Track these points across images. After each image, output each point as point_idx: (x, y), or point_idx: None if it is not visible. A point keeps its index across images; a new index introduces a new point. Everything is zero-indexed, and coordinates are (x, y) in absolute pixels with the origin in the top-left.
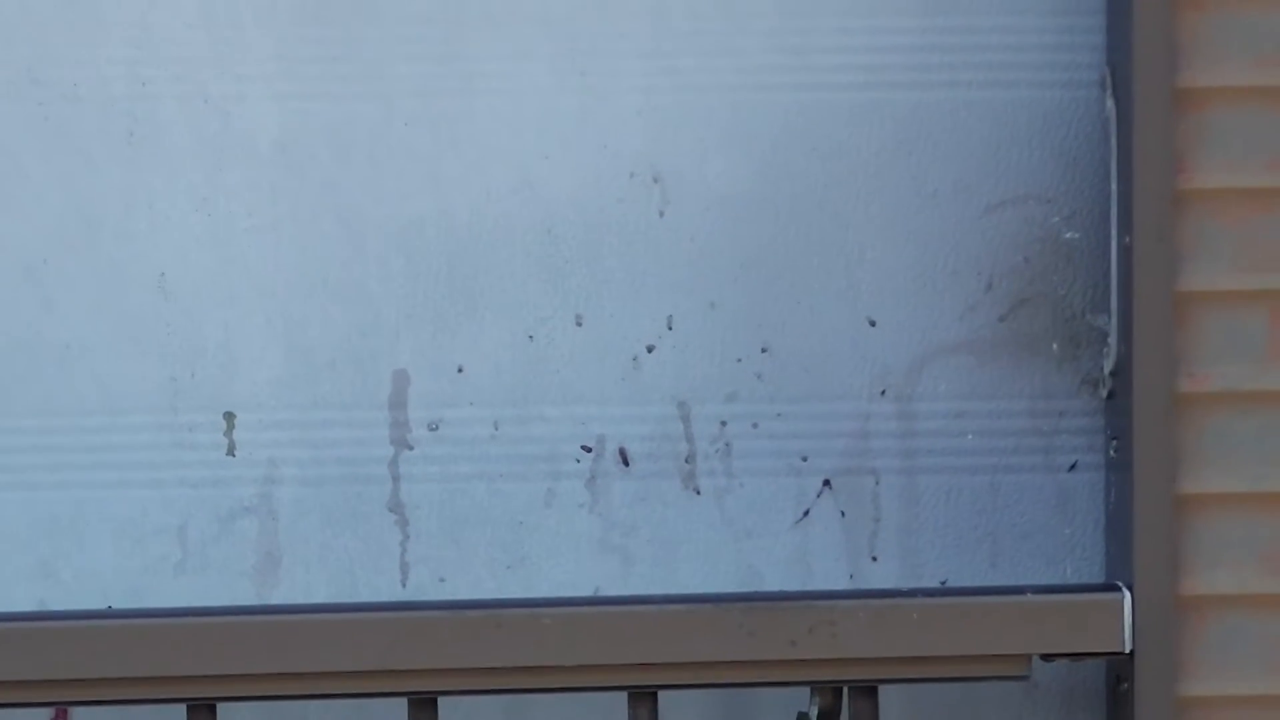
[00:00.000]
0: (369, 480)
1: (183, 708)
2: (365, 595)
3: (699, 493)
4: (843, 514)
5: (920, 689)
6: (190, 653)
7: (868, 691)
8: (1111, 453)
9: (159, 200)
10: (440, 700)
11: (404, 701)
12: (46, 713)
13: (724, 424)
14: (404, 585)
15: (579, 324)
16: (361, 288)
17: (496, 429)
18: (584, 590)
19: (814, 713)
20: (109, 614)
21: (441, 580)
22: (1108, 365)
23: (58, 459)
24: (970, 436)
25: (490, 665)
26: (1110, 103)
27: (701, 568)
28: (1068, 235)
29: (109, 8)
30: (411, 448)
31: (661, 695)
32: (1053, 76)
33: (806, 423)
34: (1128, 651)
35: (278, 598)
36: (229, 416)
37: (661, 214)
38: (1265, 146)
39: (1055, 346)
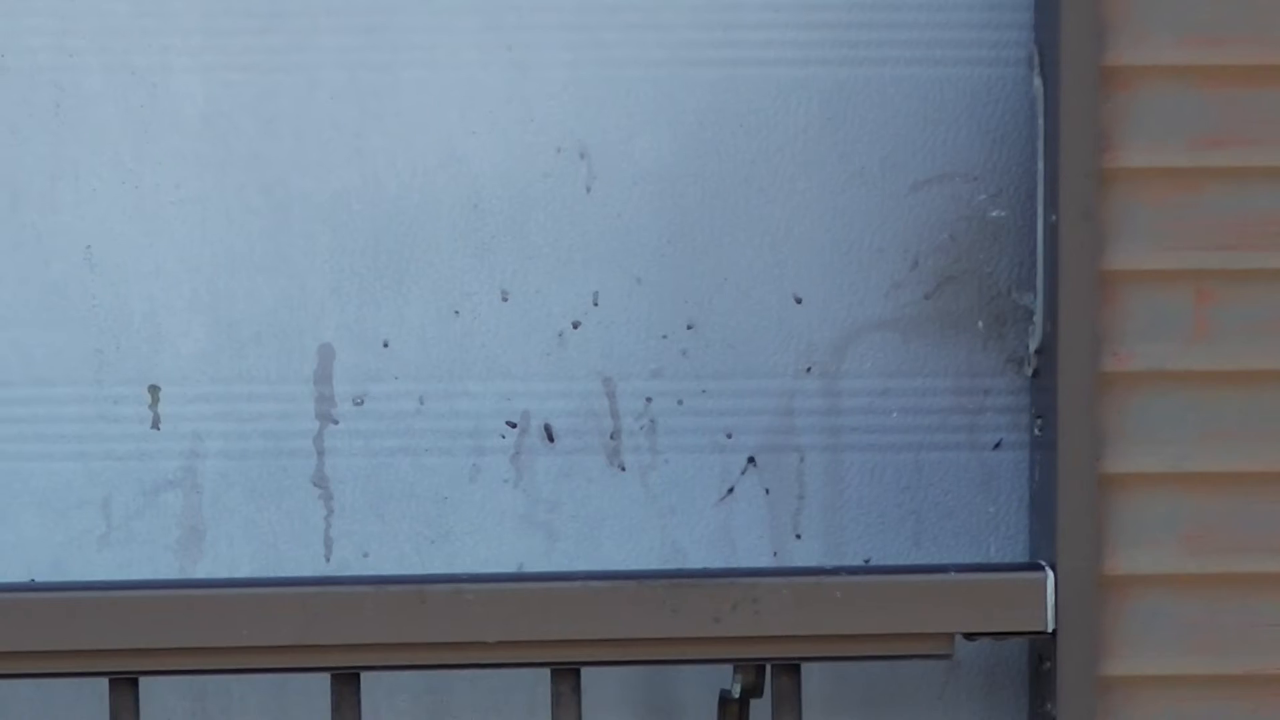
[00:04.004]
0: (293, 454)
1: (105, 681)
2: (289, 570)
3: (623, 469)
4: (767, 491)
5: (843, 667)
6: (113, 626)
7: (790, 669)
8: (1036, 431)
9: (85, 172)
10: (363, 675)
11: (327, 676)
12: None
13: (649, 400)
14: (328, 560)
15: (505, 299)
16: (287, 261)
17: (421, 404)
18: (507, 566)
19: (736, 690)
20: (32, 587)
21: (365, 555)
22: (1033, 343)
23: None
24: (895, 414)
25: (413, 641)
26: (1037, 81)
27: (625, 544)
28: (994, 213)
29: None
30: (336, 422)
31: (584, 672)
32: (980, 54)
33: (731, 400)
34: (1050, 631)
35: (201, 571)
36: (154, 389)
37: (588, 189)
38: (1191, 126)
39: (981, 324)
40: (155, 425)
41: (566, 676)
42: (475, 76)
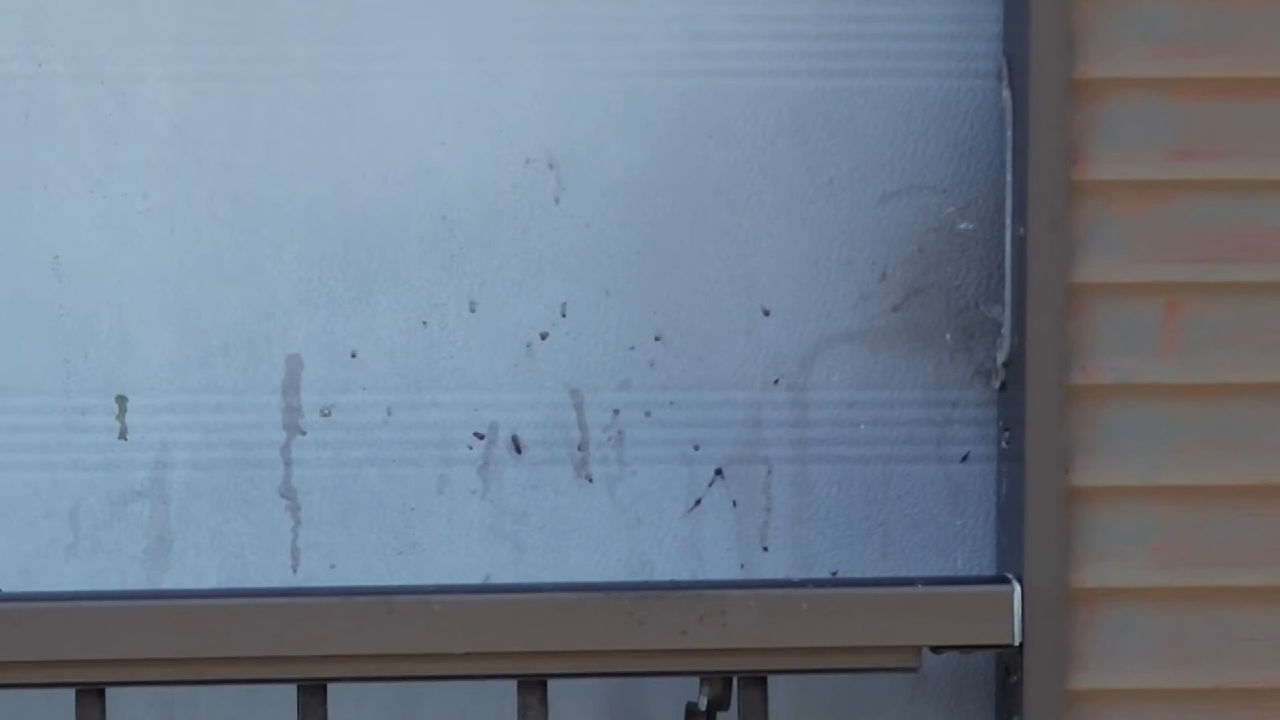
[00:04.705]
0: (261, 465)
1: (72, 692)
2: (256, 580)
3: (591, 480)
4: (734, 503)
5: (810, 680)
6: (80, 637)
7: (757, 682)
8: (1004, 444)
9: (54, 181)
10: (330, 687)
11: (294, 688)
12: None
13: (617, 412)
14: (295, 571)
15: (473, 310)
16: (255, 271)
17: (389, 415)
18: (475, 577)
19: (703, 702)
20: None
21: (332, 566)
22: (1001, 356)
23: None
24: (863, 426)
25: (380, 652)
26: (1006, 93)
27: (593, 556)
28: (962, 225)
29: None
30: (304, 433)
31: (551, 684)
32: (949, 66)
33: (699, 411)
34: (1017, 644)
35: (169, 582)
36: (121, 399)
37: (557, 200)
38: (1160, 138)
39: (949, 337)
40: (123, 435)
41: (534, 688)
42: (446, 87)
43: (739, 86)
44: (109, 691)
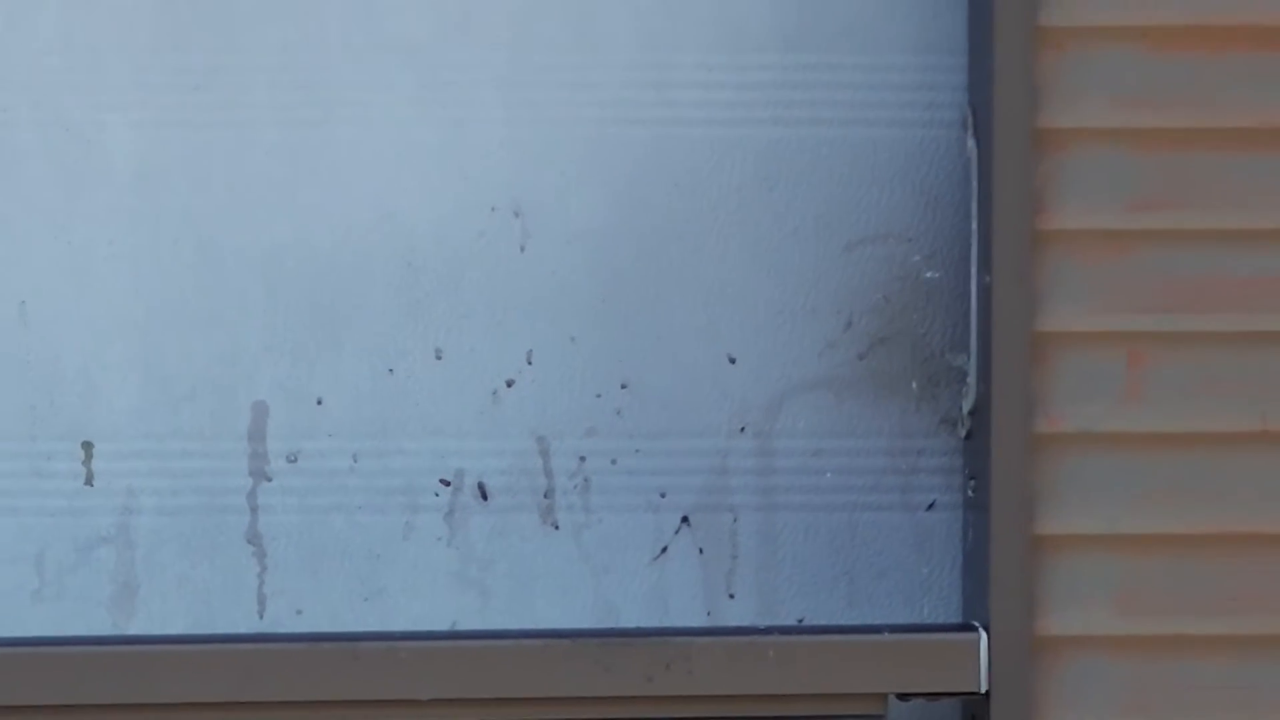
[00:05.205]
0: (227, 511)
1: None
2: (222, 626)
3: (557, 528)
4: (700, 551)
5: None
6: (45, 683)
7: None
8: (969, 492)
9: (17, 227)
10: None
11: None
12: None
13: (583, 459)
14: (261, 617)
15: (439, 357)
16: (221, 318)
17: (355, 461)
18: (441, 624)
19: None
20: None
21: (299, 612)
22: (966, 405)
23: None
24: (829, 475)
25: (346, 698)
26: (971, 142)
27: (559, 603)
28: (928, 274)
29: None
30: (270, 479)
31: None
32: (914, 115)
33: (665, 459)
34: (983, 692)
35: (134, 628)
36: (87, 446)
37: (522, 248)
38: (1124, 188)
39: (914, 385)
40: (89, 481)
41: None
42: (409, 134)
43: (704, 135)
44: None
